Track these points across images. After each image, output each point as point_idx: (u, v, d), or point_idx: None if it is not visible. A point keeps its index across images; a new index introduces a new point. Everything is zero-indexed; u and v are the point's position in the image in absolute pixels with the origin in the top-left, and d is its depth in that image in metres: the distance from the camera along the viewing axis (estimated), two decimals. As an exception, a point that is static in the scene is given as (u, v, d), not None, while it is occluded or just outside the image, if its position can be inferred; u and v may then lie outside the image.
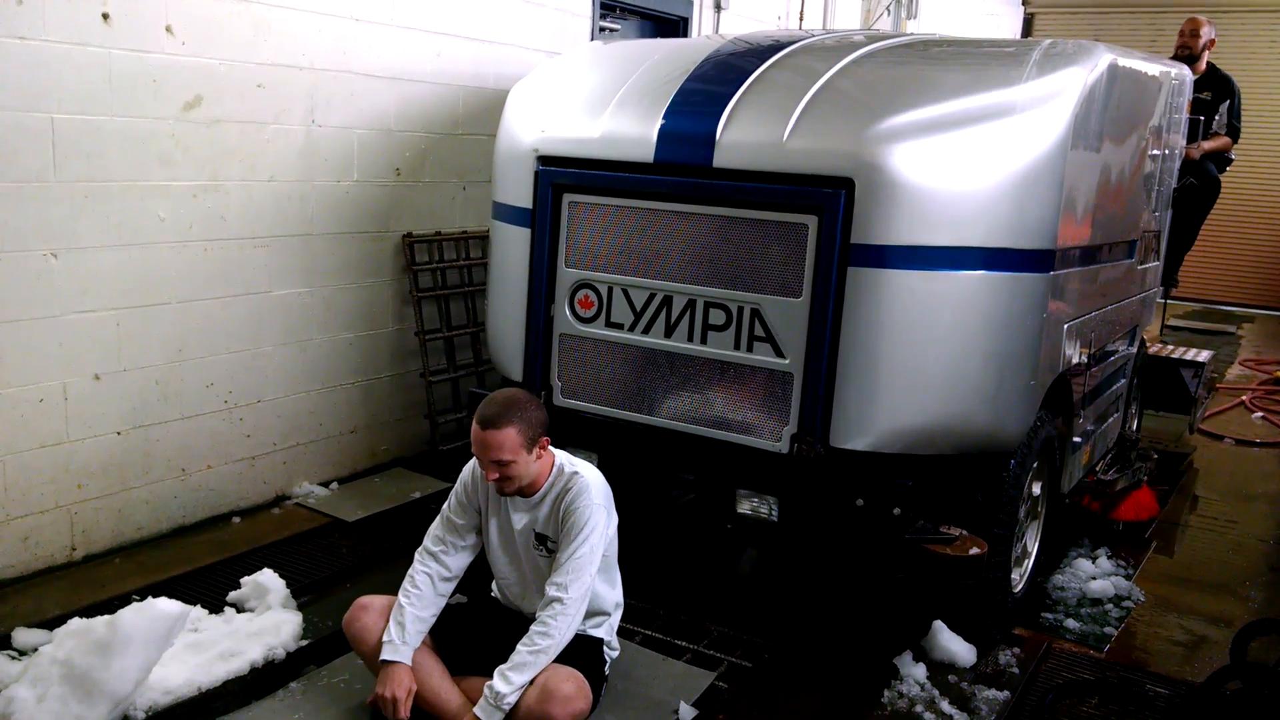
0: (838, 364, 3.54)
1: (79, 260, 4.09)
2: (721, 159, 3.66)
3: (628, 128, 3.87)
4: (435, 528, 3.37)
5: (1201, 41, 7.52)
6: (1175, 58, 7.21)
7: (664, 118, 3.80)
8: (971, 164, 3.51)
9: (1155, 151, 5.09)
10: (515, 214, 4.15)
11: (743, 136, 3.65)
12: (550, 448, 3.25)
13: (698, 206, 3.73)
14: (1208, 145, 7.43)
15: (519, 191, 4.11)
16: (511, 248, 4.18)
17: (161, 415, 4.51)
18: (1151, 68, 4.85)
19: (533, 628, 3.09)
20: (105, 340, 4.24)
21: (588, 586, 3.14)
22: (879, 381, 3.54)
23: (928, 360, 3.55)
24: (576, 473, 3.24)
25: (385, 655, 3.14)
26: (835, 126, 3.58)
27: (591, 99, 4.05)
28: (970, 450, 3.73)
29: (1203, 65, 7.53)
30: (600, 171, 3.89)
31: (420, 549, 3.33)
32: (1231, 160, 7.88)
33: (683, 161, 3.73)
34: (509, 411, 3.09)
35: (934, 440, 3.64)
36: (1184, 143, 5.93)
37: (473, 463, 3.32)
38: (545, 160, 4.03)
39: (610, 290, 3.92)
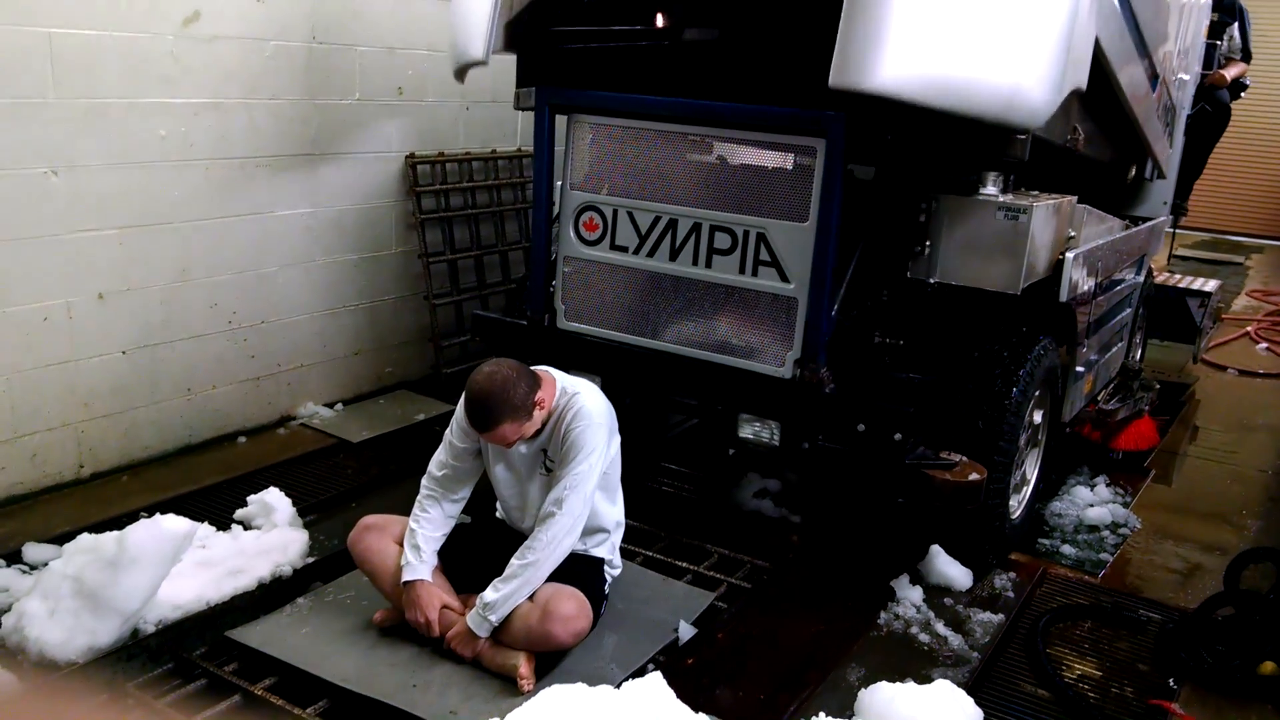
0: None
1: (80, 179, 4.07)
2: None
3: None
4: (439, 454, 3.38)
5: None
6: None
7: None
8: None
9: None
10: None
11: None
12: (548, 373, 3.23)
13: (705, 128, 3.68)
14: (1233, 72, 7.27)
15: None
16: None
17: (166, 335, 4.52)
18: None
19: (526, 542, 3.12)
20: (108, 259, 4.23)
21: (584, 504, 3.14)
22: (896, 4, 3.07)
23: None
24: (577, 393, 3.22)
25: (406, 576, 3.17)
26: None
27: None
28: (987, 118, 3.31)
29: None
30: (605, 92, 3.84)
31: (425, 476, 3.35)
32: (1247, 86, 7.73)
33: None
34: (494, 410, 3.01)
35: (950, 89, 3.19)
36: (1200, 69, 5.82)
37: None
38: None
39: (615, 213, 3.89)
